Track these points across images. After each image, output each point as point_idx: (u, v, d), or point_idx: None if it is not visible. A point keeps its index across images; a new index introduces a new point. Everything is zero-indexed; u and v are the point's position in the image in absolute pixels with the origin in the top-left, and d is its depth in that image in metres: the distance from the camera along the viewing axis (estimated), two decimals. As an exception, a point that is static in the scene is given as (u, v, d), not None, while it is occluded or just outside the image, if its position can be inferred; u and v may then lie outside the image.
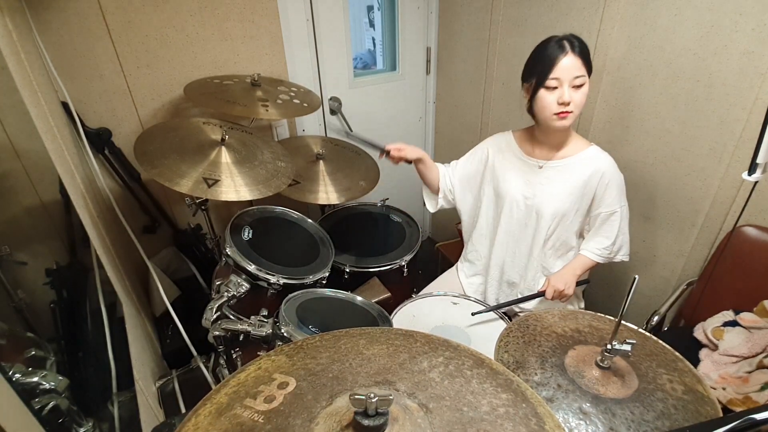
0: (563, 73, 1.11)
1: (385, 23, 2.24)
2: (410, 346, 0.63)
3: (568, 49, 1.11)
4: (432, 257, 2.37)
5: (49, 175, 0.97)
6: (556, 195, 1.27)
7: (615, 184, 1.24)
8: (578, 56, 1.11)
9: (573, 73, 1.11)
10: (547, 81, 1.13)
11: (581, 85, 1.13)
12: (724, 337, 1.24)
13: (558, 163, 1.27)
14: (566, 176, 1.26)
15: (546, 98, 1.15)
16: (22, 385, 0.60)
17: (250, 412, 0.51)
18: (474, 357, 0.61)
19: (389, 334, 0.66)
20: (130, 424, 0.98)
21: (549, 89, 1.14)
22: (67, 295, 0.89)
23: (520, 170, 1.33)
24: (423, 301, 1.38)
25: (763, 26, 1.16)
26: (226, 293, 1.20)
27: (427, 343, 0.64)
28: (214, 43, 1.66)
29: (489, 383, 0.56)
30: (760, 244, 1.31)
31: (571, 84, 1.12)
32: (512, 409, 0.52)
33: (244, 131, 1.47)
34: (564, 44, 1.11)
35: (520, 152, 1.34)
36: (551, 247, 1.34)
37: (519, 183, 1.32)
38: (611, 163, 1.25)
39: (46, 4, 1.35)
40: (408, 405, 0.53)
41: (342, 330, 0.66)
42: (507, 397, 0.54)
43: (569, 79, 1.12)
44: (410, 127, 2.47)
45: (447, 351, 0.62)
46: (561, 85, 1.13)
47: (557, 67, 1.11)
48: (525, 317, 0.90)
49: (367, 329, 0.67)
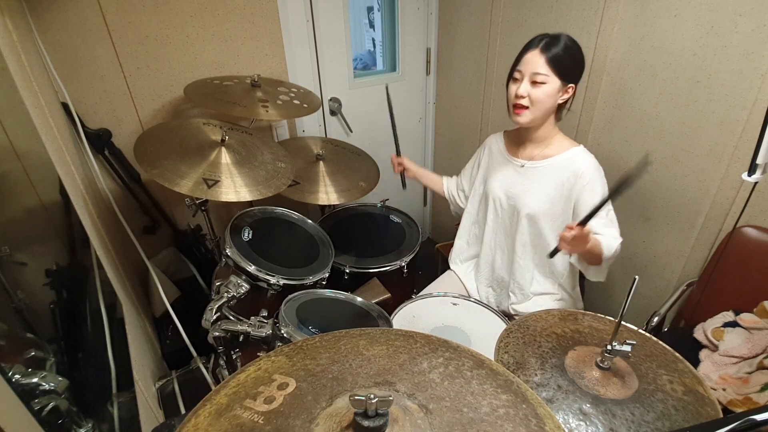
0: (524, 67, 1.15)
1: (385, 24, 2.24)
2: (410, 346, 0.63)
3: (536, 45, 1.13)
4: (432, 258, 2.37)
5: (49, 175, 0.97)
6: (534, 195, 1.27)
7: (598, 183, 1.21)
8: (543, 54, 1.12)
9: (533, 68, 1.13)
10: (514, 72, 1.18)
11: (541, 83, 1.14)
12: (724, 337, 1.24)
13: (539, 163, 1.28)
14: (546, 177, 1.26)
15: (510, 90, 1.20)
16: (21, 386, 0.60)
17: (250, 413, 0.51)
18: (474, 358, 0.61)
19: (389, 335, 0.65)
20: (130, 424, 0.98)
21: (514, 81, 1.18)
22: (66, 295, 0.89)
23: (505, 170, 1.35)
24: (423, 301, 1.38)
25: (762, 27, 1.16)
26: (225, 294, 1.20)
27: (427, 343, 0.64)
28: (214, 43, 1.66)
29: (489, 384, 0.56)
30: (759, 244, 1.31)
31: (531, 79, 1.14)
32: (512, 410, 0.52)
33: (244, 132, 1.47)
34: (536, 41, 1.14)
35: (506, 152, 1.36)
36: (536, 247, 1.34)
37: (503, 182, 1.34)
38: (592, 163, 1.22)
39: (46, 5, 1.35)
40: (408, 406, 0.53)
41: (342, 331, 0.66)
42: (507, 398, 0.54)
43: (529, 74, 1.14)
44: (410, 128, 2.47)
45: (447, 352, 0.62)
46: (521, 79, 1.16)
47: (522, 60, 1.15)
48: (525, 318, 0.90)
49: (367, 330, 0.67)
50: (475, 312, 1.34)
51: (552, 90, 1.15)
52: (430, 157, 2.63)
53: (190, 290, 1.77)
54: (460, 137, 2.37)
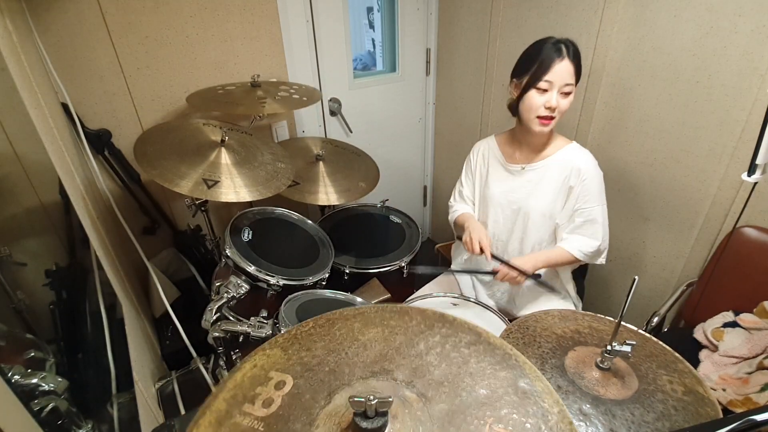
0: (556, 78, 1.11)
1: (385, 24, 2.24)
2: (406, 325, 0.62)
3: (564, 54, 1.10)
4: (432, 258, 2.37)
5: (48, 176, 0.97)
6: (541, 196, 1.27)
7: (594, 180, 1.22)
8: (572, 63, 1.11)
9: (565, 79, 1.11)
10: (540, 82, 1.12)
11: (569, 93, 1.13)
12: (724, 338, 1.24)
13: (539, 164, 1.28)
14: (548, 176, 1.26)
15: (534, 99, 1.14)
16: (21, 387, 0.60)
17: (249, 420, 0.51)
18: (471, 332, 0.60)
19: (384, 313, 0.65)
20: (130, 425, 0.98)
21: (539, 90, 1.13)
22: (66, 296, 0.89)
23: (503, 175, 1.34)
24: (423, 302, 1.38)
25: (762, 27, 1.16)
26: (225, 294, 1.20)
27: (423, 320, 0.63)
28: (214, 44, 1.66)
29: (487, 361, 0.56)
30: (759, 244, 1.31)
31: (561, 90, 1.12)
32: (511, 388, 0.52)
33: (244, 132, 1.47)
34: (561, 48, 1.11)
35: (502, 157, 1.35)
36: (543, 247, 1.34)
37: (503, 188, 1.33)
38: (589, 159, 1.23)
39: (46, 5, 1.35)
40: (407, 396, 0.52)
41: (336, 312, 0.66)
42: (506, 376, 0.54)
43: (560, 85, 1.11)
44: (410, 128, 2.47)
45: (443, 327, 0.61)
46: (551, 89, 1.12)
47: (552, 71, 1.10)
48: (525, 318, 0.90)
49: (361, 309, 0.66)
50: (475, 312, 1.34)
51: (573, 97, 1.15)
52: (430, 157, 2.63)
53: (190, 291, 1.77)
54: (459, 138, 2.37)
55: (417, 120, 2.48)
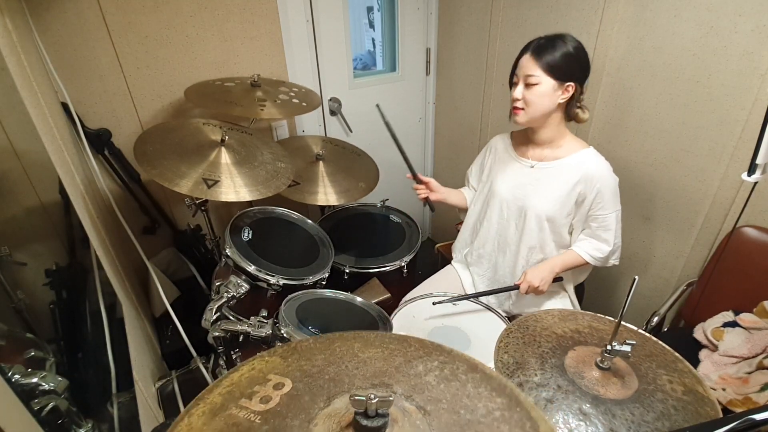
0: (519, 70, 1.19)
1: (385, 24, 2.24)
2: (405, 350, 0.63)
3: (528, 49, 1.17)
4: (432, 258, 2.37)
5: (48, 175, 0.97)
6: (543, 197, 1.27)
7: (608, 188, 1.22)
8: (533, 56, 1.15)
9: (525, 71, 1.17)
10: (512, 77, 1.23)
11: (533, 84, 1.16)
12: (724, 337, 1.24)
13: (549, 164, 1.28)
14: (556, 178, 1.26)
15: (511, 93, 1.23)
16: (21, 386, 0.59)
17: (246, 413, 0.50)
18: (468, 362, 0.61)
19: (383, 339, 0.65)
20: (130, 425, 0.98)
21: (513, 85, 1.23)
22: (66, 295, 0.89)
23: (513, 170, 1.35)
24: (423, 301, 1.38)
25: (762, 27, 1.16)
26: (225, 294, 1.20)
27: (421, 347, 0.64)
28: (214, 44, 1.66)
29: (484, 387, 0.56)
30: (759, 244, 1.31)
31: (525, 81, 1.18)
32: (507, 412, 0.52)
33: (244, 132, 1.47)
34: (530, 44, 1.17)
35: (515, 153, 1.36)
36: (542, 248, 1.34)
37: (510, 183, 1.34)
38: (604, 167, 1.23)
39: (46, 4, 1.35)
40: (406, 407, 0.53)
41: (335, 333, 0.66)
42: (502, 401, 0.54)
43: (522, 76, 1.18)
44: (410, 128, 2.47)
45: (441, 356, 0.62)
46: (519, 82, 1.20)
47: (519, 65, 1.20)
48: (525, 318, 0.90)
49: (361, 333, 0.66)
50: (475, 312, 1.34)
51: (545, 90, 1.16)
52: (430, 157, 2.63)
53: (190, 290, 1.77)
54: (460, 137, 2.37)
55: (417, 119, 2.48)
